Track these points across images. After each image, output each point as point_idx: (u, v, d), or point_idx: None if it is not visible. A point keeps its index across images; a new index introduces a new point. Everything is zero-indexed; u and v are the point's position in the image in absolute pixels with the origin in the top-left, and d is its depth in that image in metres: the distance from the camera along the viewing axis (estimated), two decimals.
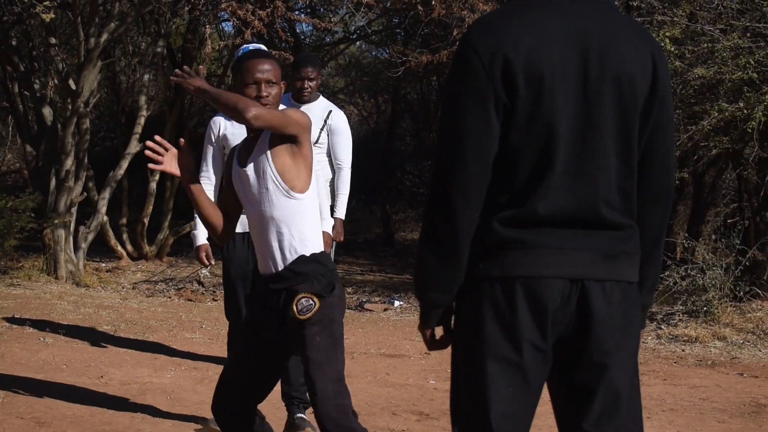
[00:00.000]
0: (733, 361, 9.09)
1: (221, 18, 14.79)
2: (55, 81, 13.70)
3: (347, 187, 7.30)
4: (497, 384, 2.87)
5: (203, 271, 13.00)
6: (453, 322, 3.03)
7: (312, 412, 4.34)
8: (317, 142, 6.99)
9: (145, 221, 14.33)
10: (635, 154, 2.95)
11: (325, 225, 6.19)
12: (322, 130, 7.04)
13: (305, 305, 4.24)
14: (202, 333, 9.53)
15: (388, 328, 10.45)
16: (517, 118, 2.84)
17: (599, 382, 2.91)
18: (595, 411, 2.92)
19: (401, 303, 11.85)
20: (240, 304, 6.27)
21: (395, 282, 13.82)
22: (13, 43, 13.42)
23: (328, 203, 6.68)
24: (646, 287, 3.09)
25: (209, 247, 6.43)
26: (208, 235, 5.98)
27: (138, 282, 12.80)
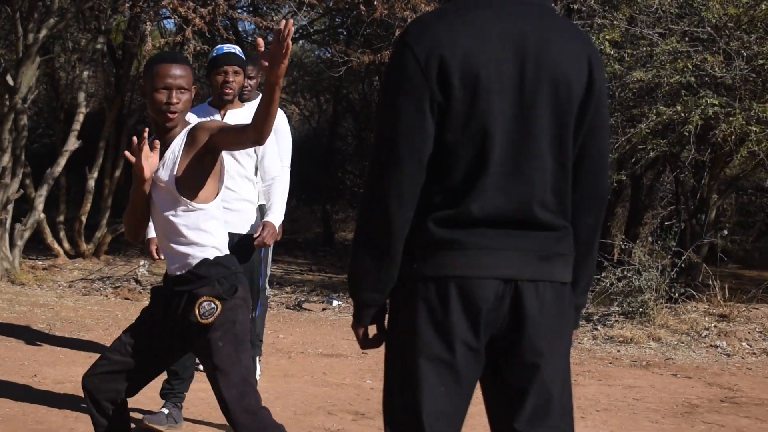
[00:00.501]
0: (668, 362, 9.18)
1: (162, 15, 14.66)
2: None
3: (287, 188, 7.26)
4: (430, 383, 2.87)
5: (140, 270, 12.90)
6: (387, 321, 3.04)
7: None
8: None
9: (83, 219, 14.19)
10: (570, 155, 2.96)
11: (272, 216, 6.18)
12: None
13: (207, 309, 4.25)
14: None
15: (326, 327, 10.44)
16: (453, 118, 2.84)
17: (531, 382, 2.93)
18: (527, 411, 2.94)
19: (340, 302, 11.83)
20: None
21: (334, 282, 13.81)
22: None
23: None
24: (579, 288, 3.11)
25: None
26: None
27: (75, 280, 12.68)
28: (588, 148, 3.00)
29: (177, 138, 4.31)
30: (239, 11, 14.95)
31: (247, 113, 6.16)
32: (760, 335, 9.99)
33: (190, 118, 6.12)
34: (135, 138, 4.20)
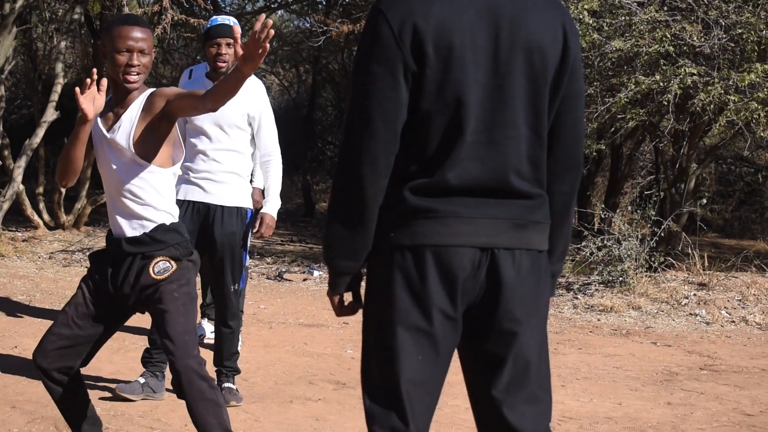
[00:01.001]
0: (647, 331, 9.23)
1: None
2: None
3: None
4: (407, 352, 2.89)
5: None
6: (364, 290, 3.04)
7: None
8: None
9: (62, 190, 14.13)
10: (545, 124, 2.97)
11: (269, 207, 6.24)
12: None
13: (162, 267, 4.35)
14: None
15: (307, 297, 10.45)
16: (427, 86, 2.84)
17: (509, 349, 2.94)
18: (505, 378, 2.95)
19: (321, 273, 11.84)
20: None
21: (315, 252, 13.81)
22: None
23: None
24: (555, 256, 3.13)
25: None
26: None
27: (54, 252, 12.64)
28: (563, 116, 3.01)
29: (135, 102, 4.35)
30: None
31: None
32: (739, 303, 10.05)
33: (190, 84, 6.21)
34: (88, 79, 4.20)
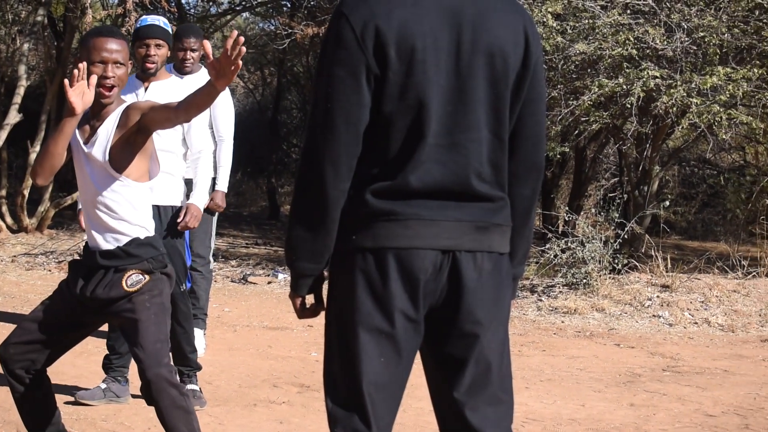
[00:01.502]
0: (611, 332, 9.27)
1: None
2: None
3: (229, 160, 7.27)
4: (369, 354, 2.89)
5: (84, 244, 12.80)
6: (326, 292, 3.05)
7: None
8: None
9: (25, 193, 14.04)
10: (507, 127, 2.98)
11: (195, 198, 6.20)
12: None
13: (135, 280, 4.36)
14: None
15: (271, 300, 10.44)
16: (389, 89, 2.85)
17: (470, 351, 2.95)
18: (467, 380, 2.96)
19: (285, 276, 11.83)
20: None
21: (280, 255, 13.79)
22: None
23: (210, 175, 6.64)
24: (517, 259, 3.14)
25: None
26: None
27: (17, 255, 12.57)
28: (525, 119, 3.02)
29: (111, 116, 4.36)
30: None
31: (173, 86, 6.12)
32: (701, 305, 10.11)
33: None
34: (76, 71, 4.18)
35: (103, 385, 6.03)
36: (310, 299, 3.12)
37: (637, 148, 12.48)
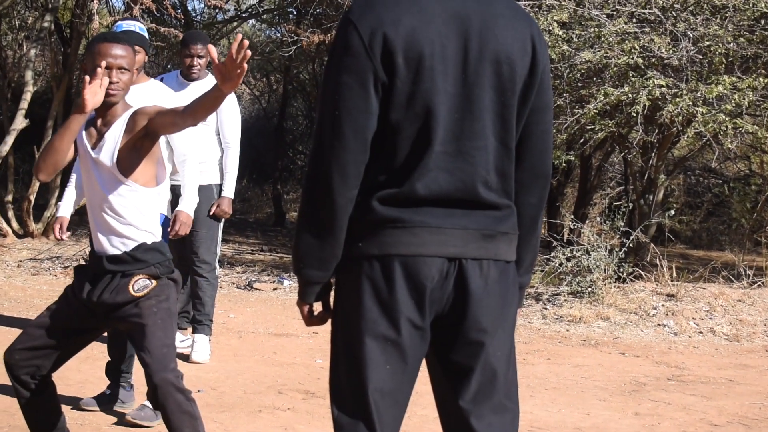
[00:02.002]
0: (616, 341, 9.27)
1: None
2: None
3: (236, 166, 7.30)
4: (375, 361, 2.90)
5: (90, 249, 12.79)
6: (333, 299, 3.05)
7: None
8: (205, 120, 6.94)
9: (32, 198, 14.05)
10: (513, 135, 2.99)
11: (183, 205, 6.23)
12: None
13: (142, 285, 4.40)
14: None
15: (276, 307, 10.43)
16: (397, 97, 2.86)
17: (476, 359, 2.96)
18: (472, 388, 2.96)
19: (290, 282, 11.83)
20: None
21: (285, 262, 13.79)
22: None
23: (197, 180, 6.59)
24: (523, 267, 3.14)
25: (66, 222, 6.26)
26: (72, 211, 6.03)
27: (23, 260, 12.57)
28: (531, 127, 3.03)
29: (118, 121, 4.39)
30: None
31: (150, 89, 6.15)
32: (706, 314, 10.10)
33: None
34: (99, 69, 4.22)
35: (108, 392, 6.03)
36: (317, 307, 3.13)
37: (643, 156, 12.47)
